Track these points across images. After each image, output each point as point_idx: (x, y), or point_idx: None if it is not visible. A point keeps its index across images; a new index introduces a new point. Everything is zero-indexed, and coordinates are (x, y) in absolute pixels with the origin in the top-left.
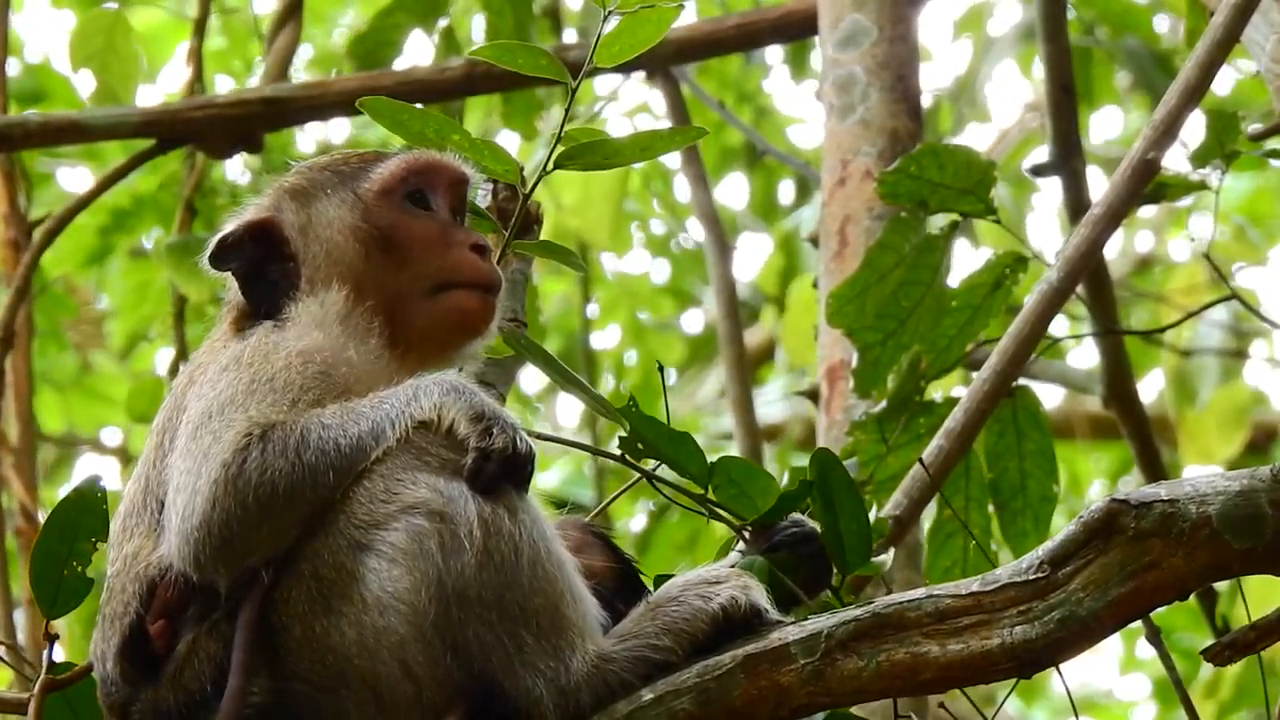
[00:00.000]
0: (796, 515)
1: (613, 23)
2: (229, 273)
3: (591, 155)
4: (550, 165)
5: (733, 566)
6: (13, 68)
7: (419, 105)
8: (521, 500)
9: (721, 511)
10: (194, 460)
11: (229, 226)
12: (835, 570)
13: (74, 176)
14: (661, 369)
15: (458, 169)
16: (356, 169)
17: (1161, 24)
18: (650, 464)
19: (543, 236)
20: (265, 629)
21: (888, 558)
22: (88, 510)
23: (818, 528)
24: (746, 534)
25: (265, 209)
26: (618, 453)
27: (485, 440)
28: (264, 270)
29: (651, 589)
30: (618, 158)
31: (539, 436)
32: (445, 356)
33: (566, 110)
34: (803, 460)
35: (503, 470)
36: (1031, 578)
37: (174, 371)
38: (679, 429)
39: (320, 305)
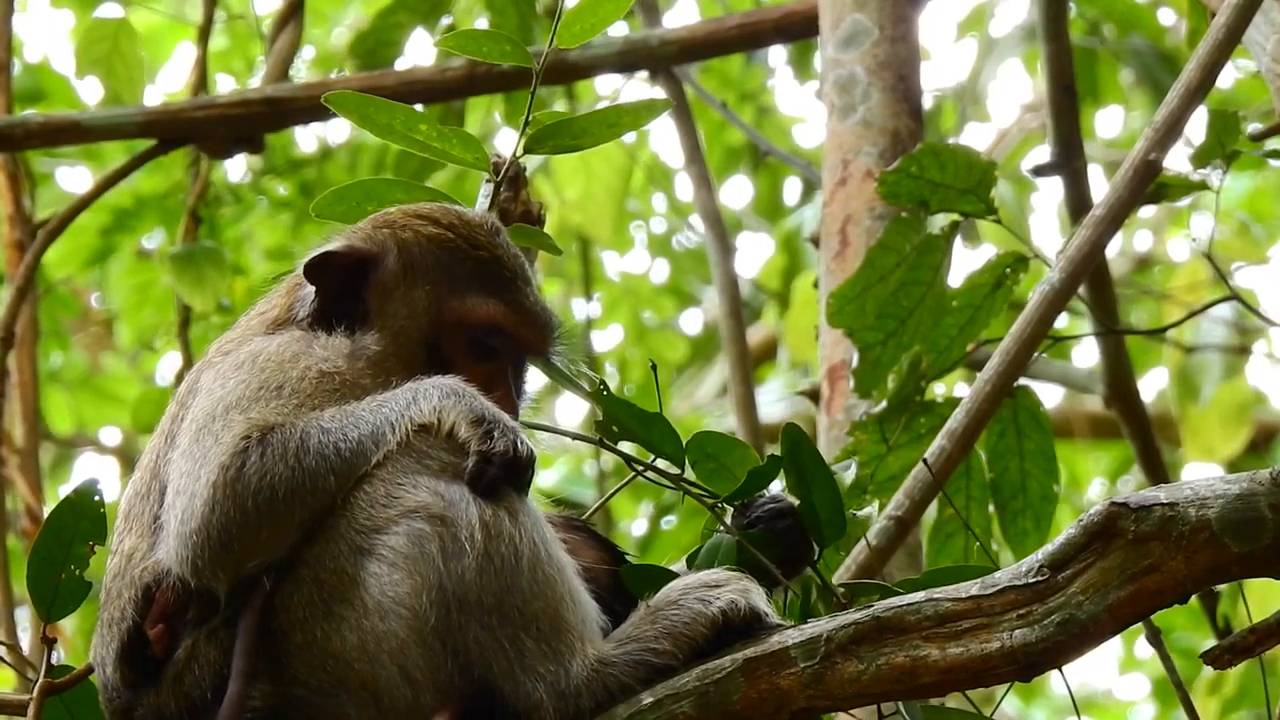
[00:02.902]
0: (775, 491)
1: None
2: (313, 285)
3: (559, 136)
4: (520, 150)
5: (702, 548)
6: (12, 67)
7: (421, 106)
8: (522, 503)
9: (698, 490)
10: (194, 462)
11: (337, 244)
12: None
13: (73, 176)
14: (654, 368)
15: (541, 343)
16: (465, 272)
17: (1167, 18)
18: (627, 447)
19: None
20: (265, 634)
21: (872, 510)
22: (84, 514)
23: (795, 501)
24: (726, 512)
25: (376, 244)
26: (596, 437)
27: (486, 443)
28: (343, 297)
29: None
30: (585, 137)
31: (528, 425)
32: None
33: (531, 95)
34: None
35: (504, 473)
36: (1031, 581)
37: (180, 382)
38: (651, 411)
39: (356, 343)
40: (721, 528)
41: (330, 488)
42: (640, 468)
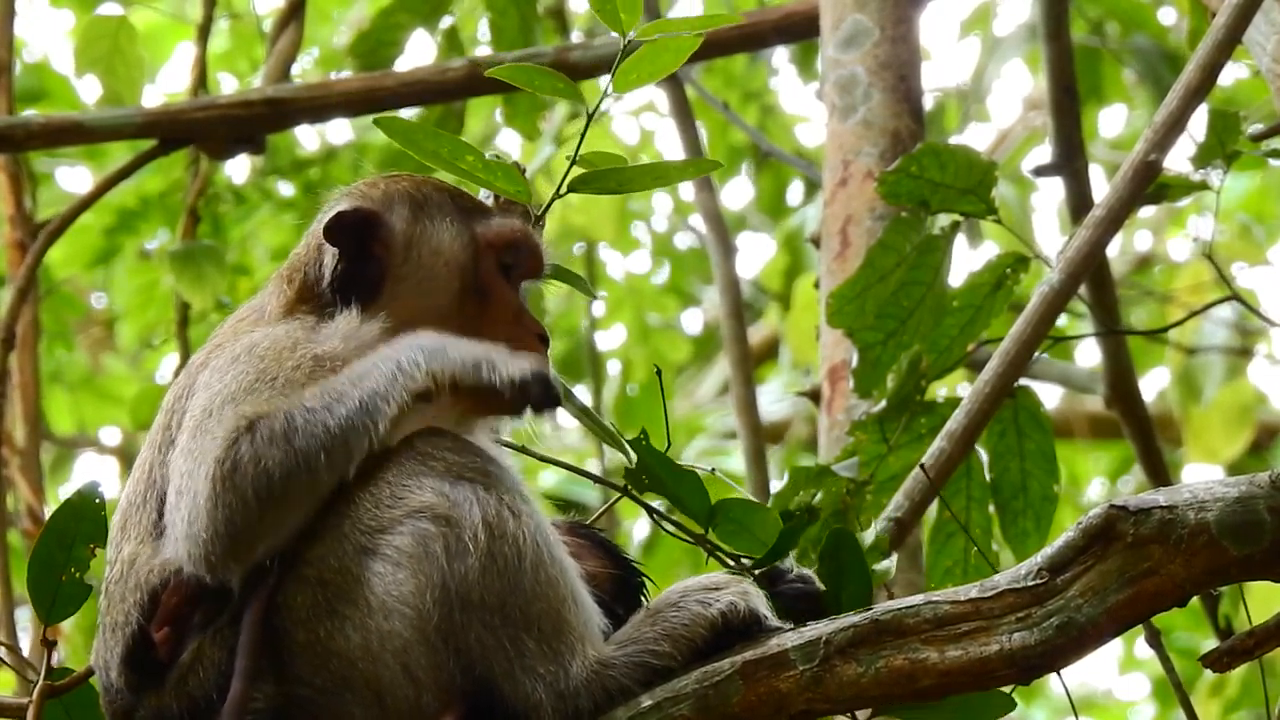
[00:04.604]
0: (805, 571)
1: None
2: (334, 249)
3: (605, 182)
4: (564, 189)
5: None
6: (14, 68)
7: (421, 106)
8: (525, 503)
9: (724, 552)
10: (193, 461)
11: (344, 204)
12: None
13: (73, 176)
14: (660, 374)
15: (545, 264)
16: (471, 208)
17: (1168, 17)
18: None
19: (545, 233)
20: (269, 634)
21: (891, 564)
22: (85, 517)
23: (821, 588)
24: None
25: (376, 201)
26: (623, 484)
27: (498, 374)
28: (357, 263)
29: (650, 590)
30: (631, 185)
31: (545, 459)
32: (466, 414)
33: (583, 134)
34: (807, 461)
35: (542, 390)
36: (1030, 584)
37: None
38: (682, 460)
39: (360, 324)
40: None
41: (325, 465)
42: (659, 518)
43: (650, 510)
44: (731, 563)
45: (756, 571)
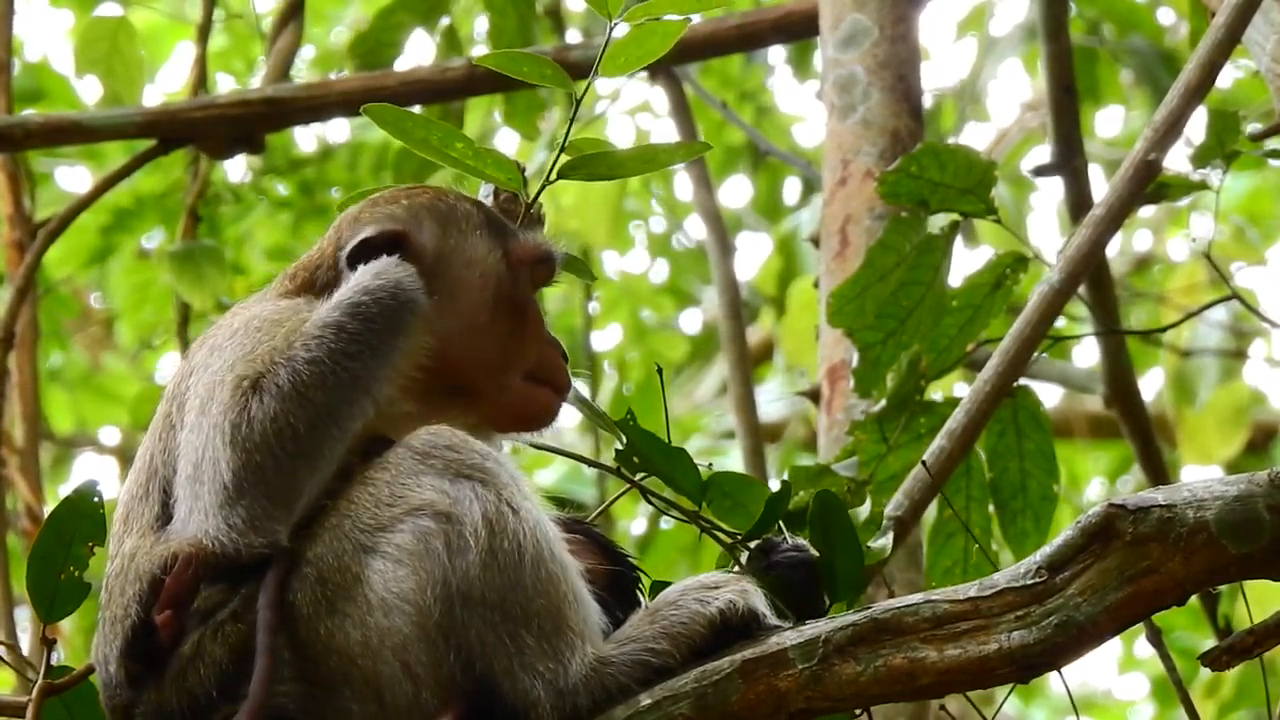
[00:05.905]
0: (799, 540)
1: (621, 30)
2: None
3: (595, 167)
4: (554, 175)
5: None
6: (12, 67)
7: (420, 106)
8: (525, 500)
9: (716, 527)
10: (204, 434)
11: (368, 230)
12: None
13: (73, 176)
14: (660, 371)
15: (556, 274)
16: (497, 221)
17: (1166, 17)
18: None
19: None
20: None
21: (888, 542)
22: (84, 514)
23: (815, 554)
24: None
25: (398, 220)
26: (614, 465)
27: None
28: None
29: (646, 586)
30: (621, 169)
31: (536, 446)
32: (489, 430)
33: (571, 119)
34: (805, 461)
35: None
36: (1029, 583)
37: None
38: (676, 444)
39: None
40: (738, 570)
41: (346, 413)
42: (652, 496)
43: (643, 490)
44: (725, 539)
45: (750, 544)
